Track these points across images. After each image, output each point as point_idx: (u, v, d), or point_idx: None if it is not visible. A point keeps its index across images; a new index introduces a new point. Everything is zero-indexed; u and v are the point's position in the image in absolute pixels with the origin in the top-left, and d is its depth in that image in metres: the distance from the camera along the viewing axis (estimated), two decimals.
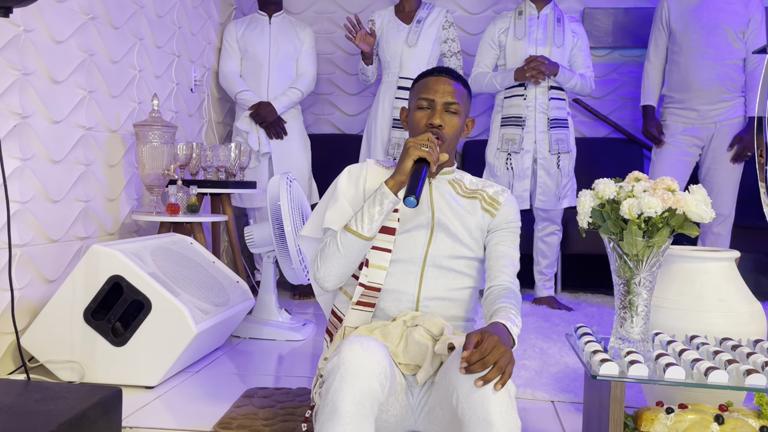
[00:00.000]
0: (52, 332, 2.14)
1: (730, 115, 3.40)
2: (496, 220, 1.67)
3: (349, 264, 1.56)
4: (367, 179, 1.68)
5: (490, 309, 1.54)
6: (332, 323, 1.68)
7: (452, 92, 1.62)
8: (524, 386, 2.17)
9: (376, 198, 1.53)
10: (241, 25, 3.72)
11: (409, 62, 3.58)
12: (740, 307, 1.81)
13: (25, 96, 2.25)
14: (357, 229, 1.52)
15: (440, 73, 1.64)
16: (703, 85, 3.37)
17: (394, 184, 1.53)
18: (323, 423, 1.28)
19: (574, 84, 3.46)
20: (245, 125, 3.61)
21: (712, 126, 3.41)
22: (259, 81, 3.64)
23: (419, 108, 1.64)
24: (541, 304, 3.58)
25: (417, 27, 3.60)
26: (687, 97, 3.43)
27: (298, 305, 3.58)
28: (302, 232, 1.75)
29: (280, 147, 3.67)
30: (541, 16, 3.48)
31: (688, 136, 3.45)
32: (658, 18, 3.55)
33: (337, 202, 1.64)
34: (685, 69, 3.41)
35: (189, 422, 1.84)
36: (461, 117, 1.64)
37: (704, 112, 3.41)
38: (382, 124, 3.63)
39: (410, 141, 1.53)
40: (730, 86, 3.37)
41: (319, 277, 1.58)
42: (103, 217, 2.72)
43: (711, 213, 1.48)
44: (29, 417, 1.39)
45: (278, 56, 3.64)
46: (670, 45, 3.51)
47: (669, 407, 1.58)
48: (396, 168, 1.54)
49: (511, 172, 3.46)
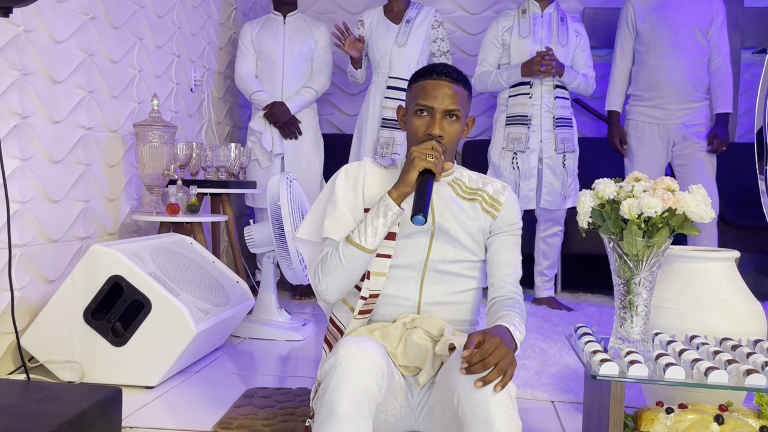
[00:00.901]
0: (52, 332, 2.14)
1: (695, 117, 3.47)
2: (497, 222, 1.63)
3: (351, 277, 1.51)
4: (366, 182, 1.62)
5: (493, 318, 1.53)
6: (331, 333, 1.64)
7: (452, 97, 1.54)
8: (524, 386, 2.17)
9: (379, 210, 1.48)
10: (256, 25, 3.72)
11: (398, 62, 3.57)
12: (740, 307, 1.81)
13: (25, 96, 2.25)
14: (360, 242, 1.48)
15: (440, 75, 1.55)
16: (672, 84, 3.43)
17: (398, 196, 1.48)
18: (321, 423, 1.27)
19: (578, 84, 3.46)
20: (259, 125, 3.61)
21: (681, 127, 3.46)
22: (274, 81, 3.64)
23: (417, 113, 1.56)
24: (541, 304, 3.58)
25: (406, 27, 3.59)
26: (655, 95, 3.48)
27: (298, 305, 3.58)
28: (298, 234, 1.68)
29: (292, 147, 3.67)
30: (545, 14, 3.47)
31: (656, 135, 3.51)
32: (624, 20, 3.60)
33: (336, 209, 1.58)
34: (654, 68, 3.46)
35: (189, 422, 1.84)
36: (461, 122, 1.57)
37: (671, 111, 3.47)
38: (372, 124, 3.62)
39: (414, 151, 1.48)
40: (698, 86, 3.44)
41: (321, 291, 1.54)
42: (103, 217, 2.72)
43: (711, 213, 1.49)
44: (29, 417, 1.39)
45: (292, 56, 3.64)
46: (637, 46, 3.55)
47: (669, 407, 1.58)
48: (400, 178, 1.49)
49: (517, 172, 3.45)
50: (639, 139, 3.54)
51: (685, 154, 3.48)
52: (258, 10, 4.50)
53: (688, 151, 3.47)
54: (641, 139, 3.54)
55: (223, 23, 3.98)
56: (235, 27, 4.14)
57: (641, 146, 3.54)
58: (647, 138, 3.52)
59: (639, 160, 3.55)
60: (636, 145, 3.56)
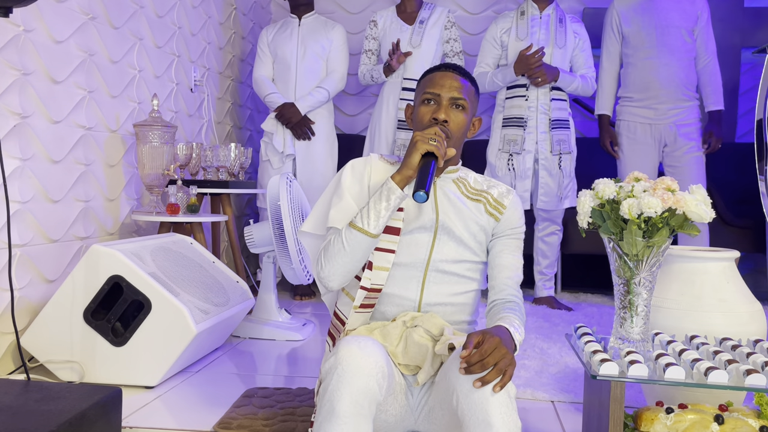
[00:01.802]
0: (52, 332, 2.14)
1: (686, 116, 3.47)
2: (500, 225, 1.63)
3: (354, 262, 1.51)
4: (372, 176, 1.62)
5: (493, 320, 1.52)
6: (335, 326, 1.65)
7: (459, 87, 1.56)
8: (524, 386, 2.17)
9: (382, 193, 1.48)
10: (272, 29, 3.74)
11: (413, 63, 3.58)
12: (740, 307, 1.81)
13: (25, 96, 2.25)
14: (363, 226, 1.47)
15: (447, 69, 1.59)
16: (662, 84, 3.44)
17: (401, 179, 1.48)
18: (321, 423, 1.27)
19: (575, 87, 3.47)
20: (270, 127, 3.62)
21: (673, 127, 3.47)
22: (287, 83, 3.65)
23: (424, 102, 1.58)
24: (541, 304, 3.58)
25: (420, 28, 3.61)
26: (645, 96, 3.50)
27: (298, 305, 3.58)
28: (303, 228, 1.68)
29: (304, 148, 3.66)
30: (544, 16, 3.48)
31: (648, 135, 3.52)
32: (609, 25, 3.61)
33: (341, 200, 1.58)
34: (642, 70, 3.47)
35: (189, 422, 1.84)
36: (468, 114, 1.58)
37: (662, 111, 3.47)
38: (386, 125, 3.63)
39: (417, 134, 1.48)
40: (687, 85, 3.45)
41: (323, 277, 1.53)
42: (103, 217, 2.72)
43: (711, 213, 1.49)
44: (29, 417, 1.39)
45: (305, 57, 3.64)
46: (624, 49, 3.57)
47: (669, 407, 1.58)
48: (403, 162, 1.49)
49: (512, 173, 3.47)
50: (631, 139, 3.55)
51: (677, 155, 3.49)
52: (258, 10, 4.51)
53: (679, 153, 3.48)
54: (633, 140, 3.54)
55: (223, 23, 3.98)
56: (235, 27, 4.14)
57: (634, 147, 3.54)
58: (639, 138, 3.53)
59: (631, 161, 3.55)
60: (628, 146, 3.56)
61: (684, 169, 3.48)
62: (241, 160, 3.17)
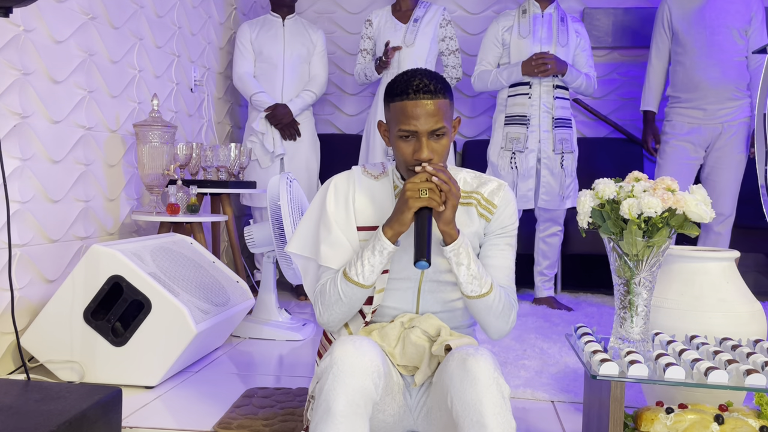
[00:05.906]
0: (52, 332, 2.14)
1: (737, 115, 3.41)
2: (491, 225, 1.57)
3: (352, 309, 1.52)
4: (356, 198, 1.56)
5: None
6: (324, 347, 1.65)
7: (435, 114, 1.43)
8: (524, 386, 2.17)
9: (375, 248, 1.44)
10: (255, 26, 3.73)
11: (407, 61, 3.58)
12: (740, 307, 1.81)
13: (25, 96, 2.25)
14: (358, 280, 1.46)
15: (417, 94, 1.43)
16: (710, 84, 3.37)
17: (393, 235, 1.43)
18: (317, 423, 1.27)
19: (580, 83, 3.46)
20: (261, 127, 3.63)
21: (719, 126, 3.42)
22: (274, 83, 3.65)
23: (401, 138, 1.46)
24: (541, 304, 3.58)
25: (414, 26, 3.60)
26: (694, 97, 3.43)
27: (298, 305, 3.58)
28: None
29: (291, 148, 3.70)
30: (545, 15, 3.47)
31: (693, 137, 3.46)
32: (659, 21, 3.55)
33: (330, 233, 1.53)
34: (691, 69, 3.41)
35: (189, 422, 1.84)
36: (449, 134, 1.48)
37: (712, 112, 3.41)
38: None
39: (408, 189, 1.41)
40: (738, 85, 3.38)
41: (324, 323, 1.54)
42: (103, 217, 2.72)
43: (711, 213, 1.48)
44: (29, 417, 1.39)
45: (292, 58, 3.67)
46: (673, 46, 3.51)
47: (669, 407, 1.58)
48: (394, 216, 1.43)
49: (515, 171, 3.45)
50: (676, 142, 3.48)
51: (718, 155, 3.43)
52: (258, 10, 4.50)
53: (721, 153, 3.42)
54: (678, 143, 3.48)
55: (223, 23, 3.98)
56: (235, 27, 4.14)
57: (677, 149, 3.48)
58: (685, 141, 3.46)
59: (672, 163, 3.49)
60: (671, 148, 3.50)
61: (722, 171, 3.43)
62: (241, 160, 3.17)
